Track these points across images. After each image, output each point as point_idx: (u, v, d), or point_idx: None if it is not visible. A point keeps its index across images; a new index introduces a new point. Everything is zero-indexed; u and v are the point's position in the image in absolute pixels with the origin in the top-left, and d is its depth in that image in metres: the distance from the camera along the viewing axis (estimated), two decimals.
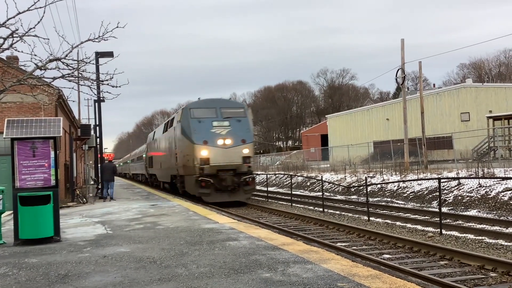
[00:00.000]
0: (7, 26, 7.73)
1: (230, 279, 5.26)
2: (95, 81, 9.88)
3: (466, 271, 7.40)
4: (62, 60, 8.54)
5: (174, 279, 5.37)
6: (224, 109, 19.54)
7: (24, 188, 8.60)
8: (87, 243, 8.26)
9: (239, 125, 19.13)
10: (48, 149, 8.81)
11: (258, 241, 7.65)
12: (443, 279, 6.66)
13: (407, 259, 8.48)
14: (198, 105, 20.08)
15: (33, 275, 5.92)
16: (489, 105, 43.47)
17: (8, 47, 8.00)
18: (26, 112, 17.21)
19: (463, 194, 15.75)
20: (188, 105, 20.58)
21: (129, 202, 18.31)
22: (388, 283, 4.83)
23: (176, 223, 10.59)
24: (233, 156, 18.49)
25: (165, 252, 7.05)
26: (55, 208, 8.70)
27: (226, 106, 20.01)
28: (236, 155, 18.54)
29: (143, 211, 13.88)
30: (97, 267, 6.19)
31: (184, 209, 13.87)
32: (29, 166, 8.68)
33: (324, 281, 4.98)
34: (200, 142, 18.29)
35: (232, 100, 24.97)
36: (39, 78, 9.29)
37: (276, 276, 5.28)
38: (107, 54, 20.12)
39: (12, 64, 11.12)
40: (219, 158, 18.31)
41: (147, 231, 9.55)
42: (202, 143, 18.26)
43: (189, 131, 18.77)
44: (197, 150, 18.26)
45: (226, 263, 6.08)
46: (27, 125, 8.81)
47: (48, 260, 6.84)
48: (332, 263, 5.84)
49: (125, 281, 5.36)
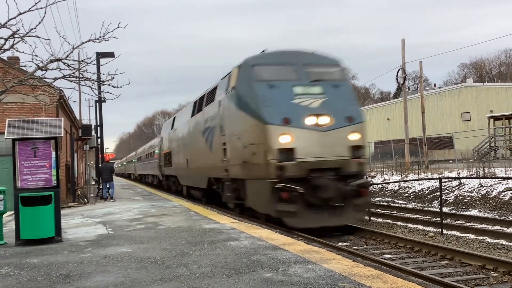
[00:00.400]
0: (8, 26, 7.74)
1: (231, 279, 5.26)
2: (96, 82, 9.89)
3: (467, 271, 7.39)
4: (63, 61, 8.55)
5: (176, 279, 5.38)
6: (311, 67, 11.86)
7: (25, 189, 8.62)
8: (88, 243, 8.27)
9: (338, 93, 11.43)
10: (49, 149, 8.82)
11: (259, 241, 7.65)
12: (444, 279, 6.66)
13: (408, 259, 8.47)
14: (265, 59, 12.11)
15: (34, 275, 5.93)
16: (489, 105, 43.50)
17: (9, 48, 8.02)
18: (27, 112, 17.23)
19: (464, 194, 15.75)
20: (247, 60, 12.09)
21: (130, 202, 18.32)
22: (389, 283, 4.83)
23: (177, 223, 10.59)
24: (334, 145, 10.79)
25: (166, 252, 7.06)
26: (57, 209, 8.72)
27: (313, 62, 12.15)
28: (340, 143, 10.84)
29: (144, 211, 13.88)
30: (99, 267, 6.20)
31: (185, 209, 13.88)
32: (30, 166, 8.69)
33: (325, 281, 4.98)
34: (276, 121, 10.58)
35: (319, 53, 12.57)
36: (40, 79, 9.30)
37: (277, 276, 5.28)
38: (108, 55, 20.18)
39: (13, 65, 11.14)
40: (311, 149, 10.60)
41: (148, 231, 9.55)
42: (280, 123, 10.58)
43: (254, 102, 11.10)
44: (272, 135, 10.51)
45: (227, 263, 6.09)
46: (28, 125, 8.82)
47: (49, 260, 6.85)
48: (333, 263, 5.84)
49: (127, 281, 5.37)
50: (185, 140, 18.95)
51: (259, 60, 11.95)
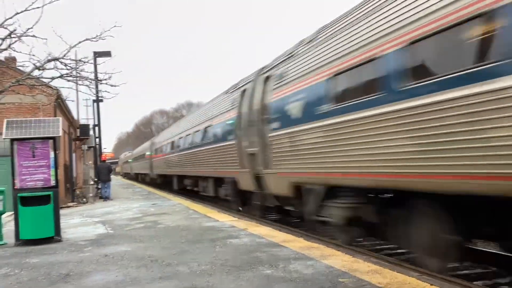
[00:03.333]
0: (5, 26, 7.74)
1: (231, 276, 5.27)
2: (94, 81, 9.89)
3: (468, 265, 7.40)
4: (60, 60, 8.57)
5: (176, 277, 5.39)
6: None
7: (24, 189, 8.61)
8: (88, 243, 8.27)
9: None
10: (47, 149, 8.81)
11: (259, 239, 7.66)
12: (443, 273, 6.66)
13: (407, 254, 8.47)
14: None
15: (34, 275, 5.93)
16: None
17: (6, 48, 8.02)
18: (25, 112, 17.20)
19: None
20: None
21: (130, 201, 18.33)
22: (388, 278, 4.84)
23: (176, 221, 10.60)
24: None
25: (166, 250, 7.06)
26: (56, 208, 8.72)
27: None
28: None
29: (143, 210, 13.89)
30: (99, 266, 6.20)
31: (184, 208, 13.88)
32: (29, 166, 8.68)
33: (325, 277, 4.99)
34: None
35: None
36: (38, 78, 9.29)
37: (277, 273, 5.29)
38: (105, 54, 20.12)
39: (10, 65, 11.12)
40: None
41: (147, 230, 9.56)
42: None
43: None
44: None
45: (227, 260, 6.09)
46: (26, 125, 8.81)
47: (49, 260, 6.85)
48: (333, 259, 5.85)
49: (127, 280, 5.37)
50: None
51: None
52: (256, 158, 10.80)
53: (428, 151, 5.39)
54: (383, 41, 6.19)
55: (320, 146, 7.84)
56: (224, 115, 13.85)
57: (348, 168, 7.09)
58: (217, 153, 14.24)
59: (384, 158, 6.20)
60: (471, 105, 4.75)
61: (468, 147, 4.83)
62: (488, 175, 4.66)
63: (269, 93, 10.06)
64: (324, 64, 7.79)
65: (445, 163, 5.15)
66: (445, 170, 5.18)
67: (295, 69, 9.01)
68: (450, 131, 5.03)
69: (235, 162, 12.46)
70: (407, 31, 5.72)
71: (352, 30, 7.19)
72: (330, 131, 7.48)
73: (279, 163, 9.52)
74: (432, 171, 5.35)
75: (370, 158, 6.49)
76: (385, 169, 6.22)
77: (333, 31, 7.98)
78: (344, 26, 7.59)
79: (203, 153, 16.02)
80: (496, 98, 4.47)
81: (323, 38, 8.34)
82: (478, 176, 4.77)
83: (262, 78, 10.88)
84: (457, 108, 4.92)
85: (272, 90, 9.92)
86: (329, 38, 8.02)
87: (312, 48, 8.64)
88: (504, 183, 4.53)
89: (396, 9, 6.07)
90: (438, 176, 5.29)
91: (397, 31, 5.94)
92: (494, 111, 4.51)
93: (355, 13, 7.37)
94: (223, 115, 13.90)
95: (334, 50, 7.60)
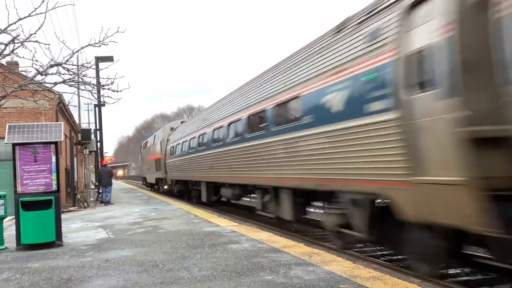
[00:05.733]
0: (8, 32, 7.78)
1: (232, 281, 5.27)
2: (96, 86, 9.92)
3: (468, 271, 7.39)
4: (62, 65, 8.59)
5: (177, 282, 5.39)
6: None
7: (25, 193, 8.64)
8: (89, 247, 8.28)
9: None
10: (49, 154, 8.84)
11: (259, 244, 7.67)
12: (444, 280, 6.66)
13: (408, 261, 8.46)
14: None
15: (36, 279, 5.94)
16: None
17: (9, 53, 8.06)
18: (27, 117, 17.26)
19: None
20: None
21: (130, 206, 18.33)
22: (389, 284, 4.85)
23: (177, 226, 10.60)
24: None
25: (167, 255, 7.07)
26: (57, 213, 8.73)
27: None
28: None
29: (144, 215, 13.89)
30: (100, 271, 6.21)
31: (185, 213, 13.89)
32: (30, 171, 8.71)
33: (326, 283, 5.00)
34: None
35: None
36: (40, 84, 9.33)
37: (278, 279, 5.30)
38: (107, 59, 20.22)
39: (13, 70, 11.17)
40: None
41: (148, 234, 9.56)
42: None
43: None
44: None
45: (228, 266, 6.10)
46: (28, 130, 8.84)
47: (50, 265, 6.86)
48: (334, 265, 5.86)
49: (128, 285, 5.38)
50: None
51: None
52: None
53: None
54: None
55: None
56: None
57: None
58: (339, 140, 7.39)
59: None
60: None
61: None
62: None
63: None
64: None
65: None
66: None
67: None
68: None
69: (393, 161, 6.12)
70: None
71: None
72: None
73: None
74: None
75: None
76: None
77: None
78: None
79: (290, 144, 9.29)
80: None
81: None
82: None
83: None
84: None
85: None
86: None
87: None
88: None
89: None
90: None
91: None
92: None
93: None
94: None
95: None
